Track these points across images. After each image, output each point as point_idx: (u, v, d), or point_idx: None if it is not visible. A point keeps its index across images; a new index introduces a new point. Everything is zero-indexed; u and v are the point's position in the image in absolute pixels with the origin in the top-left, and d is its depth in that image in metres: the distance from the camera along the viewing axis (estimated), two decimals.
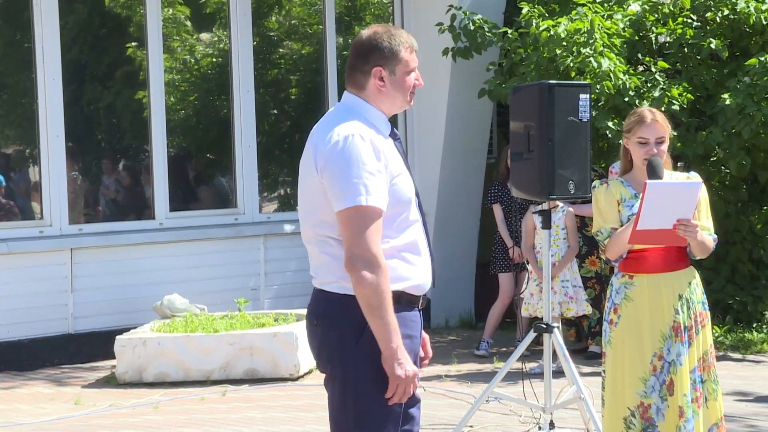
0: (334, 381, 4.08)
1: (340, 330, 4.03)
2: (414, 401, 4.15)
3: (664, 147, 5.61)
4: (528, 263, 9.59)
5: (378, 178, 3.97)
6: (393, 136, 4.18)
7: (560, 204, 9.40)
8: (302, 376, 9.40)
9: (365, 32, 4.18)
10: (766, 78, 10.12)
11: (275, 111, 12.07)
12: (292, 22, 12.20)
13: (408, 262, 4.08)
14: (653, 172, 5.51)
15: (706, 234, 5.53)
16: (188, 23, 11.56)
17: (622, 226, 5.57)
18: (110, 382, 9.41)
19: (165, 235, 10.85)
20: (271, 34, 12.06)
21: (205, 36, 11.76)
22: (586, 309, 9.51)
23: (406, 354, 3.96)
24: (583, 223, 9.90)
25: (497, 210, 10.50)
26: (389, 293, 3.94)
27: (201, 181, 11.93)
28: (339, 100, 4.16)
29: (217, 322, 9.75)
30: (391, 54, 4.14)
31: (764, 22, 10.64)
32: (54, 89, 10.35)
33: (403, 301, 4.07)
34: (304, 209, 4.17)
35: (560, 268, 9.37)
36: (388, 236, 4.02)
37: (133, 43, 11.11)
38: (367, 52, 4.14)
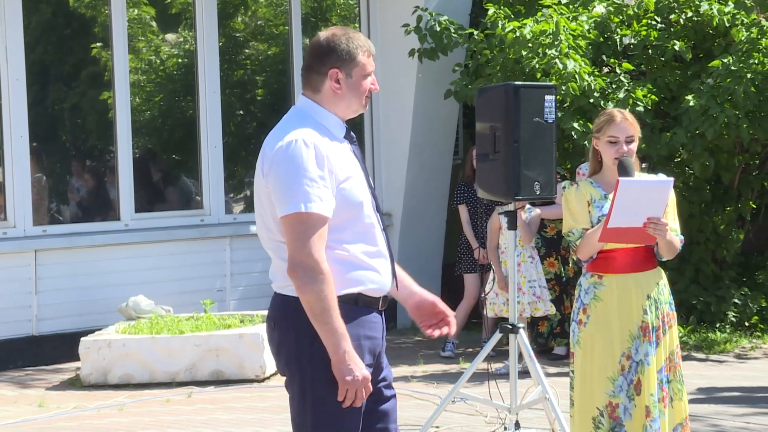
0: (293, 384, 4.09)
1: (297, 333, 4.03)
2: (383, 398, 4.17)
3: (634, 146, 5.65)
4: (492, 264, 9.62)
5: (320, 184, 3.94)
6: (349, 139, 4.15)
7: (527, 205, 9.43)
8: (268, 378, 9.38)
9: (323, 34, 4.18)
10: (729, 80, 10.19)
11: (241, 112, 12.04)
12: (258, 22, 12.18)
13: (364, 265, 4.06)
14: (624, 171, 5.53)
15: (674, 234, 5.56)
16: (154, 24, 11.52)
17: (592, 226, 5.59)
18: (75, 384, 9.36)
19: (130, 236, 10.81)
20: (237, 34, 12.04)
21: (170, 36, 11.72)
22: (551, 309, 9.56)
23: (356, 358, 3.95)
24: (542, 225, 9.93)
25: (463, 211, 10.52)
26: (333, 299, 3.92)
27: (166, 182, 11.89)
28: None
29: (183, 323, 9.72)
30: (349, 57, 4.12)
31: (727, 24, 10.71)
32: (18, 90, 10.29)
33: (361, 302, 4.06)
34: (258, 214, 4.20)
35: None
36: (343, 240, 4.02)
37: (98, 44, 11.06)
38: (324, 53, 4.13)
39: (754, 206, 11.60)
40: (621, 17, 11.09)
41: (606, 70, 11.12)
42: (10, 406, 8.65)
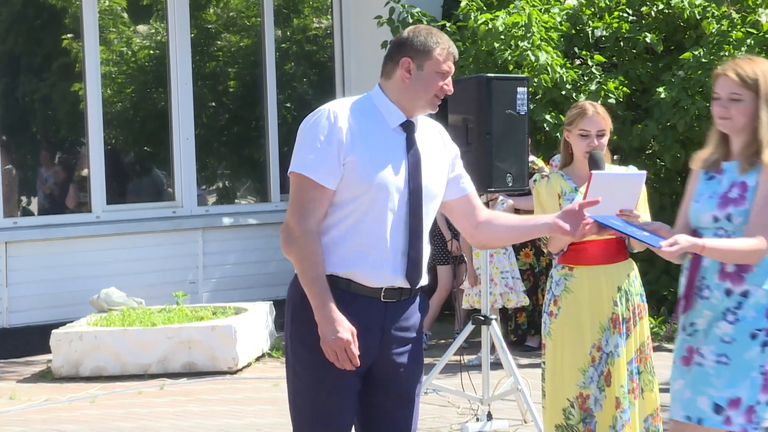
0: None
1: (288, 304, 4.17)
2: (390, 401, 4.19)
3: (605, 140, 5.66)
4: (465, 255, 9.64)
5: (321, 152, 3.99)
6: (406, 129, 4.13)
7: (500, 197, 9.45)
8: (241, 370, 9.38)
9: (408, 28, 4.23)
10: (700, 72, 10.24)
11: (213, 103, 12.02)
12: (231, 14, 12.15)
13: (358, 249, 4.04)
14: (595, 164, 5.55)
15: None
16: (125, 15, 11.48)
17: None
18: (46, 376, 9.33)
19: (102, 228, 10.78)
20: (209, 26, 12.01)
21: (142, 28, 11.68)
22: (524, 300, 9.58)
23: (336, 321, 3.94)
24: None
25: None
26: (311, 263, 3.98)
27: (138, 173, 11.86)
28: (278, 91, 4.17)
29: (155, 315, 9.70)
30: (424, 49, 4.12)
31: (698, 17, 10.76)
32: None
33: (353, 288, 4.05)
34: None
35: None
36: (342, 217, 4.04)
37: (69, 35, 11.01)
38: (402, 43, 4.17)
39: None
40: (593, 9, 11.12)
41: (578, 62, 11.15)
42: None
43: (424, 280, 4.21)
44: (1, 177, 10.37)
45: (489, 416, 7.26)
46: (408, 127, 4.14)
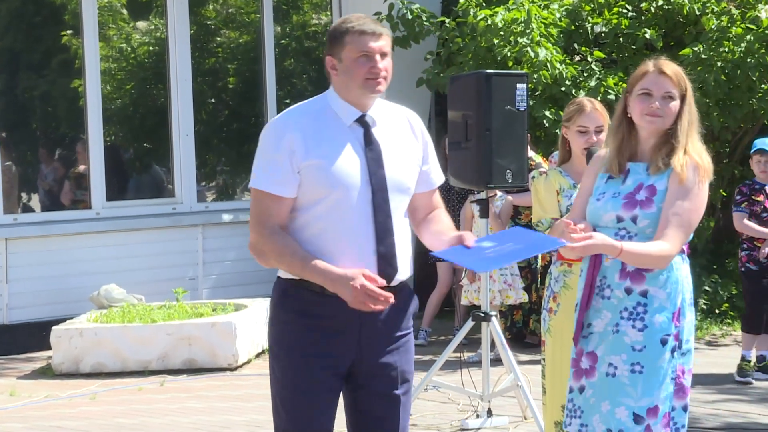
0: None
1: (269, 311, 4.21)
2: (369, 398, 4.15)
3: (603, 136, 5.67)
4: None
5: (270, 163, 4.01)
6: (362, 124, 4.07)
7: (499, 193, 9.45)
8: (241, 366, 9.38)
9: None
10: (699, 68, 10.23)
11: (213, 100, 12.01)
12: (230, 10, 12.14)
13: (323, 249, 4.00)
14: None
15: None
16: (124, 11, 11.48)
17: (561, 216, 5.60)
18: (46, 373, 9.33)
19: (102, 224, 10.78)
20: (209, 22, 12.00)
21: (141, 24, 11.67)
22: (523, 296, 9.58)
23: (340, 277, 3.91)
24: (517, 212, 9.96)
25: None
26: (289, 254, 3.98)
27: (138, 170, 11.86)
28: (277, 88, 4.16)
29: (155, 312, 9.70)
30: (335, 41, 4.06)
31: (697, 13, 10.76)
32: None
33: (314, 288, 4.01)
34: None
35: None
36: (309, 220, 4.03)
37: (69, 31, 11.01)
38: (325, 43, 4.17)
39: (725, 194, 11.66)
40: (592, 5, 11.12)
41: (577, 58, 11.15)
42: None
43: (403, 275, 4.14)
44: (1, 173, 10.37)
45: (489, 413, 7.26)
46: (364, 121, 4.08)
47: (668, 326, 4.27)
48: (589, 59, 10.73)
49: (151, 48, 11.63)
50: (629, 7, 11.06)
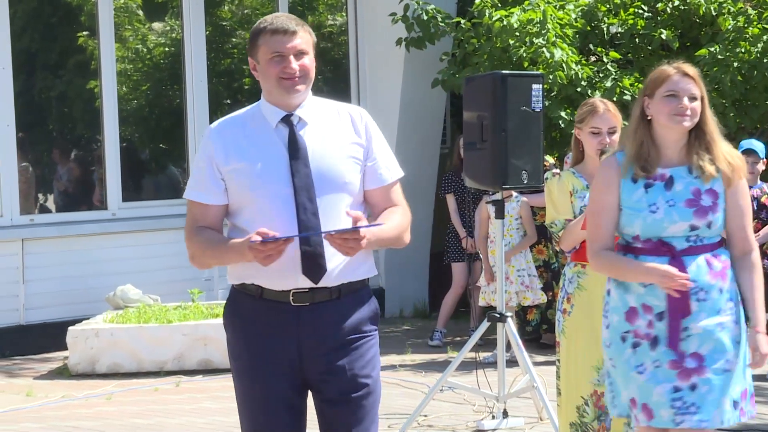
0: None
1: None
2: (328, 402, 4.04)
3: (616, 137, 5.66)
4: (480, 253, 9.65)
5: (197, 171, 4.07)
6: (287, 124, 3.99)
7: (515, 194, 9.45)
8: None
9: None
10: (716, 68, 10.20)
11: (228, 101, 12.03)
12: (245, 11, 12.16)
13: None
14: None
15: None
16: (140, 12, 11.50)
17: (575, 217, 5.60)
18: (63, 373, 9.36)
19: (118, 225, 10.80)
20: (224, 23, 12.02)
21: (157, 25, 11.70)
22: (541, 297, 9.57)
23: (239, 243, 3.88)
24: (533, 212, 9.95)
25: (450, 200, 10.52)
26: (206, 248, 4.04)
27: (154, 170, 11.88)
28: None
29: (171, 312, 9.72)
30: (252, 44, 4.01)
31: (714, 13, 10.73)
32: (4, 78, 10.26)
33: (265, 295, 3.98)
34: None
35: (513, 253, 9.41)
36: (237, 226, 4.04)
37: (85, 32, 11.04)
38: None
39: None
40: (608, 6, 11.10)
41: (593, 59, 11.13)
42: None
43: (340, 276, 3.97)
44: (17, 174, 10.40)
45: (505, 414, 7.26)
46: (289, 121, 4.00)
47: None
48: (605, 60, 10.71)
49: (166, 49, 11.65)
50: (645, 8, 11.03)
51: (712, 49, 10.31)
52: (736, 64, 10.24)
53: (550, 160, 9.52)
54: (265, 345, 3.98)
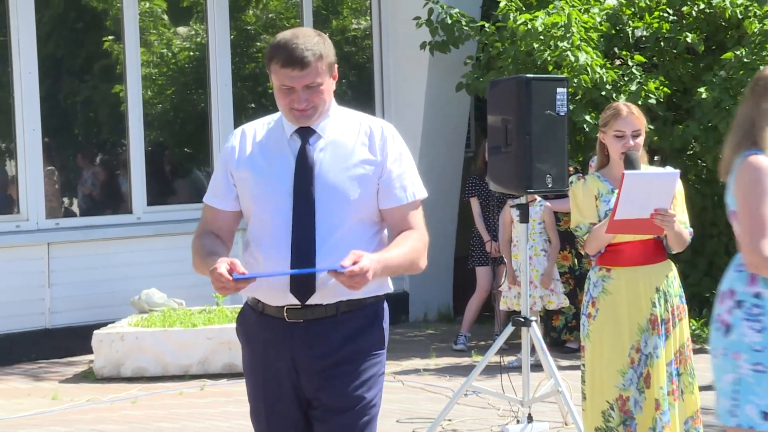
0: None
1: None
2: (320, 419, 3.96)
3: (640, 140, 5.64)
4: (504, 257, 9.63)
5: (215, 174, 4.03)
6: (301, 137, 3.87)
7: (538, 198, 9.43)
8: None
9: None
10: (741, 72, 10.16)
11: (253, 105, 12.05)
12: (270, 15, 12.18)
13: (250, 267, 3.89)
14: (630, 165, 5.53)
15: (682, 226, 5.56)
16: (165, 17, 11.53)
17: (599, 221, 5.58)
18: (88, 377, 9.38)
19: (142, 229, 10.83)
20: (249, 27, 12.04)
21: (182, 30, 11.73)
22: (565, 302, 9.55)
23: (209, 265, 3.77)
24: (557, 218, 9.93)
25: (474, 204, 10.51)
26: (196, 259, 3.98)
27: (178, 175, 11.91)
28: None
29: (195, 316, 9.74)
30: (267, 60, 3.86)
31: (740, 16, 10.68)
32: (30, 83, 10.31)
33: (261, 308, 3.95)
34: None
35: (551, 268, 9.42)
36: (249, 235, 3.99)
37: (110, 37, 11.08)
38: None
39: None
40: (633, 9, 11.06)
41: (618, 62, 11.09)
42: (23, 398, 8.68)
43: (335, 294, 3.82)
44: (43, 179, 10.45)
45: (529, 418, 7.24)
46: (304, 133, 3.87)
47: None
48: (630, 63, 10.67)
49: (191, 53, 11.68)
50: (670, 11, 10.99)
51: (738, 52, 10.26)
52: (761, 68, 10.17)
53: (572, 164, 9.47)
54: (266, 362, 3.95)
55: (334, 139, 3.89)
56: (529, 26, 10.28)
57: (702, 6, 10.85)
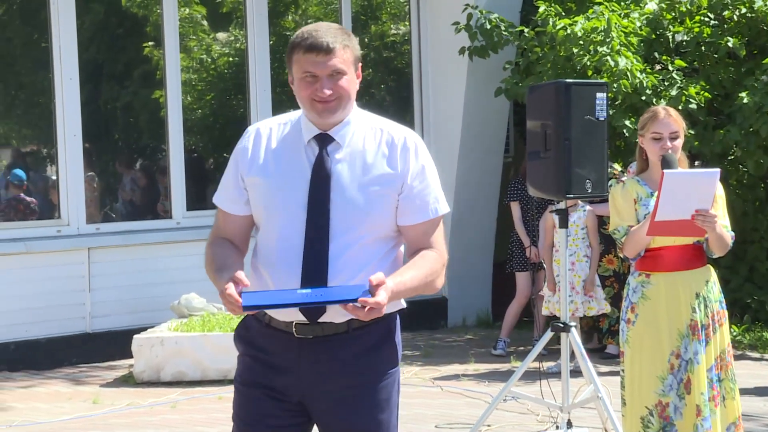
0: None
1: None
2: None
3: (678, 143, 5.60)
4: (544, 262, 9.60)
5: (226, 175, 3.82)
6: (319, 143, 3.68)
7: (581, 203, 9.39)
8: None
9: None
10: None
11: (292, 110, 12.08)
12: (309, 21, 12.20)
13: (259, 275, 3.74)
14: (668, 166, 5.50)
15: (723, 229, 5.51)
16: (205, 23, 11.58)
17: (638, 223, 5.56)
18: (128, 381, 9.43)
19: (182, 234, 10.87)
20: (288, 33, 12.07)
21: (221, 35, 11.78)
22: (605, 307, 9.50)
23: (218, 279, 3.66)
24: (601, 222, 9.88)
25: (515, 207, 10.47)
26: (208, 269, 3.81)
27: (218, 180, 11.87)
28: (356, 98, 3.94)
29: (235, 321, 9.76)
30: (289, 55, 3.68)
31: None
32: (71, 89, 10.38)
33: (270, 321, 3.73)
34: None
35: (592, 274, 9.39)
36: (259, 243, 3.78)
37: (150, 43, 11.14)
38: None
39: None
40: (673, 14, 11.01)
41: (658, 67, 11.04)
42: (64, 402, 8.73)
43: (337, 314, 3.60)
44: (84, 184, 10.51)
45: (569, 424, 7.20)
46: (322, 139, 3.68)
47: None
48: (670, 68, 10.62)
49: (231, 59, 11.73)
50: (711, 16, 10.93)
51: None
52: None
53: (617, 167, 9.39)
54: (272, 374, 3.71)
55: (354, 149, 3.68)
56: (569, 31, 10.26)
57: (743, 10, 10.78)
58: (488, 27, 11.15)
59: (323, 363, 3.66)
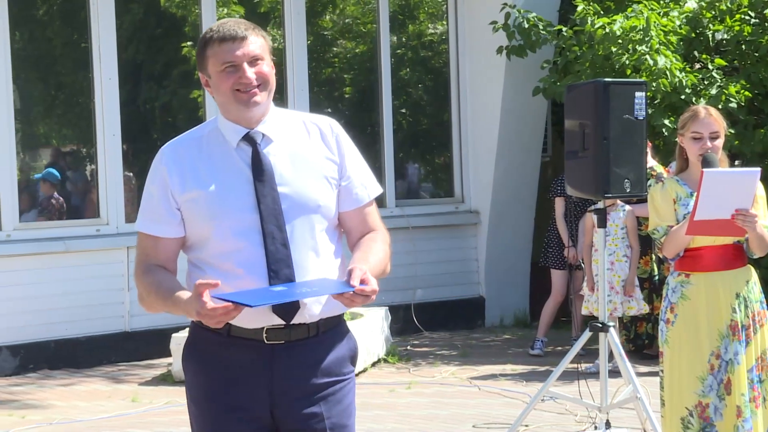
0: None
1: None
2: None
3: (719, 142, 5.56)
4: (583, 262, 9.56)
5: (148, 200, 3.66)
6: (249, 142, 3.57)
7: (620, 203, 9.35)
8: (357, 375, 9.38)
9: None
10: None
11: (329, 110, 12.10)
12: (346, 20, 12.22)
13: (222, 289, 3.46)
14: (708, 166, 5.46)
15: (764, 228, 5.47)
16: None
17: (678, 223, 5.52)
18: (167, 379, 9.47)
19: None
20: (325, 33, 12.09)
21: None
22: (645, 308, 9.46)
23: (188, 302, 3.44)
24: (638, 223, 9.83)
25: (559, 203, 10.36)
26: (155, 292, 3.65)
27: None
28: (393, 97, 3.89)
29: None
30: (200, 56, 3.58)
31: None
32: (110, 89, 10.44)
33: (233, 332, 3.53)
34: None
35: (632, 274, 9.35)
36: (201, 260, 3.61)
37: (189, 43, 11.19)
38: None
39: None
40: (713, 12, 10.94)
41: (698, 66, 10.98)
42: (104, 400, 8.79)
43: (318, 312, 3.53)
44: (123, 183, 10.57)
45: (607, 425, 7.17)
46: (251, 138, 3.56)
47: None
48: (710, 67, 10.56)
49: None
50: (752, 14, 10.85)
51: None
52: None
53: (658, 168, 9.32)
54: (237, 389, 3.54)
55: (285, 142, 3.60)
56: (607, 30, 10.21)
57: None
58: (526, 26, 11.12)
59: (295, 370, 3.54)
